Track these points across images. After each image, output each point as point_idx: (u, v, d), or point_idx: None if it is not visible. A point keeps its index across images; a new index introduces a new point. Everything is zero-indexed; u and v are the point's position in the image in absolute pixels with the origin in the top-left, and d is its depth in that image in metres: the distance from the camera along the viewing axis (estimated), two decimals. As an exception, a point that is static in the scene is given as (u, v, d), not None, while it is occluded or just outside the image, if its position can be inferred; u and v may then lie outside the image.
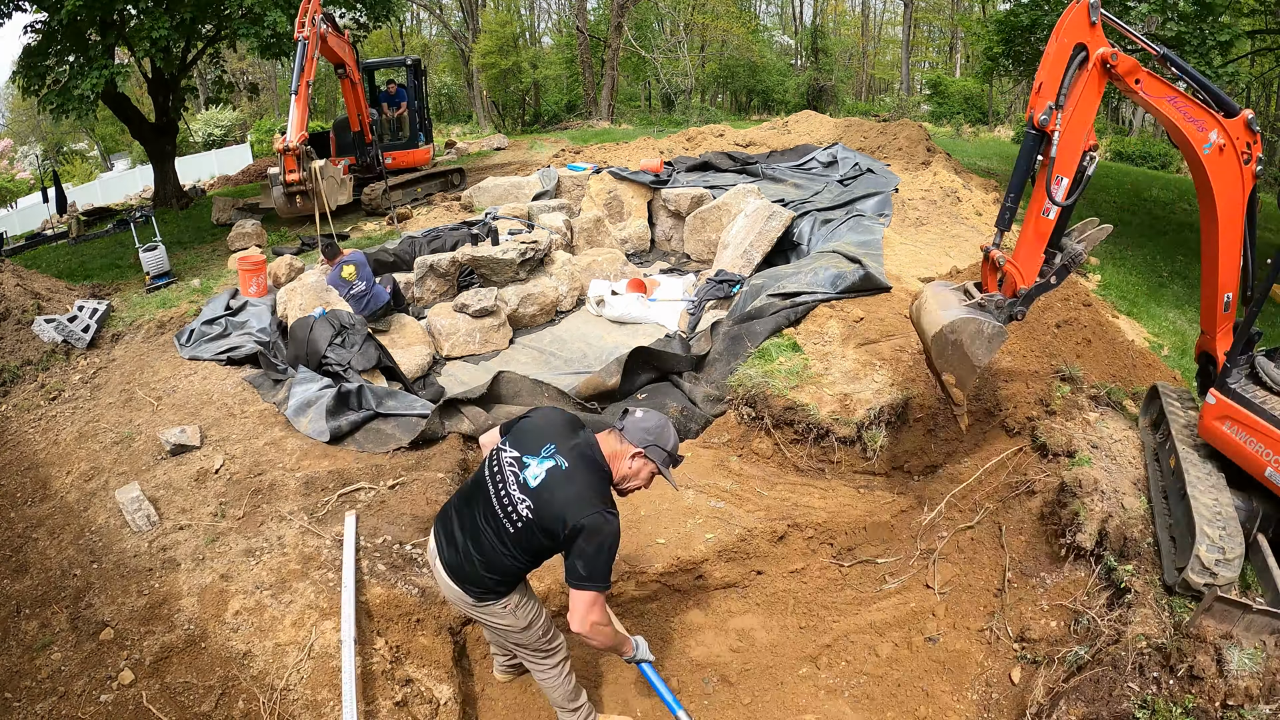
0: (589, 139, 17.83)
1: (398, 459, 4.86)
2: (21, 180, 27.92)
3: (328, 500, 4.37)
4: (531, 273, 7.93)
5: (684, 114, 27.43)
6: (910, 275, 6.81)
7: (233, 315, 6.91)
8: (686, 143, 14.14)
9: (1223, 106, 3.30)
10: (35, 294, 7.10)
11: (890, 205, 8.85)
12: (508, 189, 10.95)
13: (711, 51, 31.23)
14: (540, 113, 31.55)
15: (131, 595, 3.69)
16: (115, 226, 12.61)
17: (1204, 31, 8.24)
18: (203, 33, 12.69)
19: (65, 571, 3.92)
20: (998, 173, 13.02)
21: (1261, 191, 3.53)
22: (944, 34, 39.79)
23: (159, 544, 4.04)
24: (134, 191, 24.02)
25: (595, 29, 30.25)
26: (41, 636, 3.50)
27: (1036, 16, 10.65)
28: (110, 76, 9.96)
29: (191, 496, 4.45)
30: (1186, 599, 3.12)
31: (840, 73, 34.70)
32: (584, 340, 7.39)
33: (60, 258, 10.96)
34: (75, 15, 9.53)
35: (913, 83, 35.82)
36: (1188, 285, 7.85)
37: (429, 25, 40.83)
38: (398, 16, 19.47)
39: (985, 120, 27.95)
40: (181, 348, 6.44)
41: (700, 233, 9.63)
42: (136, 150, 29.83)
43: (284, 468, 4.70)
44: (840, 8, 41.31)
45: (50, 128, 31.97)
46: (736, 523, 4.51)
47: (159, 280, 8.33)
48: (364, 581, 3.76)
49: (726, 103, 35.73)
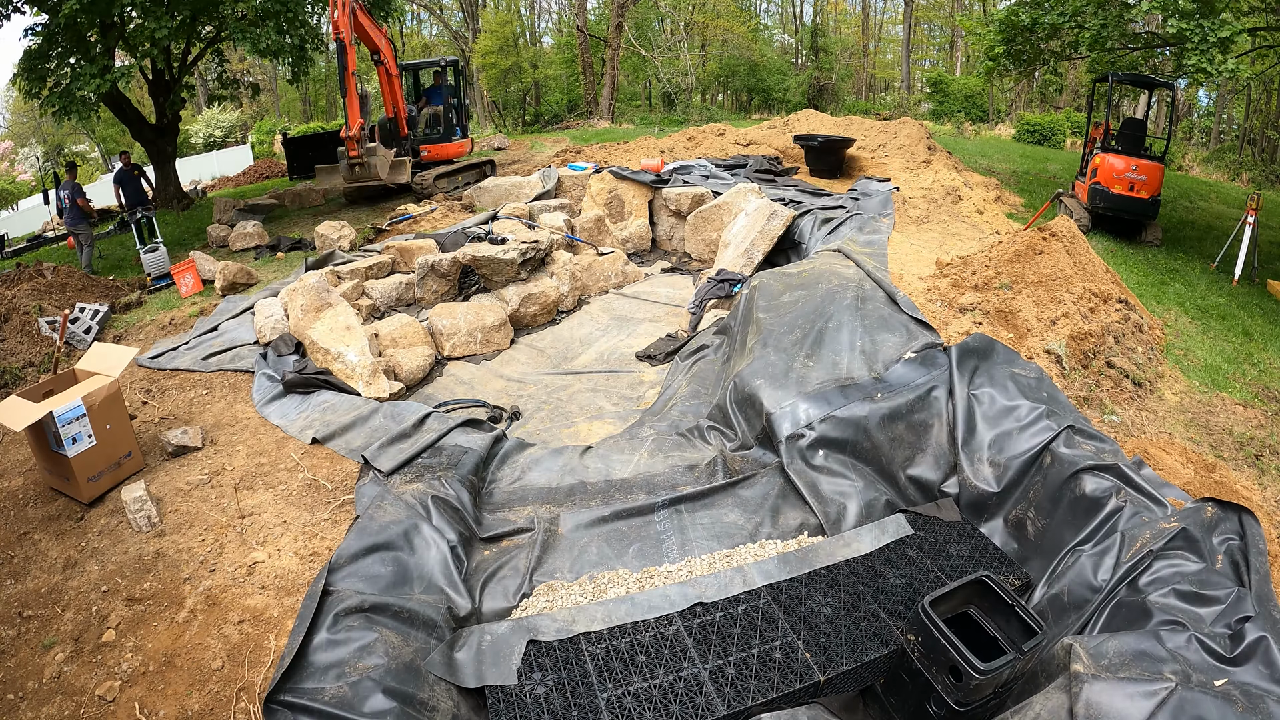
0: (589, 138, 17.82)
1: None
2: (23, 182, 27.96)
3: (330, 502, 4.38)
4: (532, 273, 7.94)
5: (684, 113, 27.46)
6: (911, 274, 6.82)
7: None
8: (687, 142, 14.14)
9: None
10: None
11: (891, 204, 8.85)
12: (508, 189, 10.97)
13: (712, 51, 31.24)
14: (541, 112, 31.56)
15: (131, 595, 3.70)
16: (116, 227, 12.63)
17: (1204, 29, 8.22)
18: (202, 33, 12.72)
19: (66, 572, 3.92)
20: (998, 171, 13.01)
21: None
22: (944, 32, 39.75)
23: (159, 544, 4.04)
24: (135, 193, 24.01)
25: (595, 28, 30.27)
26: (44, 637, 3.51)
27: (1036, 16, 10.63)
28: (113, 81, 9.98)
29: (192, 496, 4.46)
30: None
31: (841, 71, 34.66)
32: (584, 341, 7.40)
33: (61, 260, 10.96)
34: (75, 17, 9.55)
35: (913, 81, 35.80)
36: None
37: (429, 25, 40.90)
38: (398, 17, 19.50)
39: (986, 118, 27.94)
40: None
41: (701, 232, 9.64)
42: (137, 151, 29.87)
43: (286, 468, 4.71)
44: (840, 6, 41.28)
45: (51, 129, 32.03)
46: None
47: (160, 282, 8.35)
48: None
49: (727, 102, 35.70)
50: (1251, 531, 3.34)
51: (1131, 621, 3.15)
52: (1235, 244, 8.51)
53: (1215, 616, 2.99)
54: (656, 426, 5.42)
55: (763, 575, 3.79)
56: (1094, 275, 6.19)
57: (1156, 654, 2.79)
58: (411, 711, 2.96)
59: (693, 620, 3.53)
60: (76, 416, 4.30)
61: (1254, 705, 2.56)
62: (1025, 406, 4.41)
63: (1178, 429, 5.04)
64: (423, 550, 3.89)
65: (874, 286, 5.92)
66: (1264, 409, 5.43)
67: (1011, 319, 5.63)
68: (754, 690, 3.14)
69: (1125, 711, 2.57)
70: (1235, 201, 12.52)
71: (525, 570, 3.97)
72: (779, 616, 3.54)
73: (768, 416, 4.80)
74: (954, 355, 4.81)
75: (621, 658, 3.32)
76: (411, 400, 6.06)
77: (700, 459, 4.84)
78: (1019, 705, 2.81)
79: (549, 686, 3.18)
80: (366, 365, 5.97)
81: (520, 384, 6.54)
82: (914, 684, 3.16)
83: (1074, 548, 3.76)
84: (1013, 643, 3.08)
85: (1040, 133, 22.64)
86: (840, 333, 5.28)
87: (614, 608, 3.60)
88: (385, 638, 3.25)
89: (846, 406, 4.69)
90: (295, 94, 40.50)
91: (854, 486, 4.43)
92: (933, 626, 3.05)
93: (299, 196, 13.33)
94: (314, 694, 2.96)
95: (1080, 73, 26.16)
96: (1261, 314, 7.23)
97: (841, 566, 3.88)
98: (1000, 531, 4.21)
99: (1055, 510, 3.97)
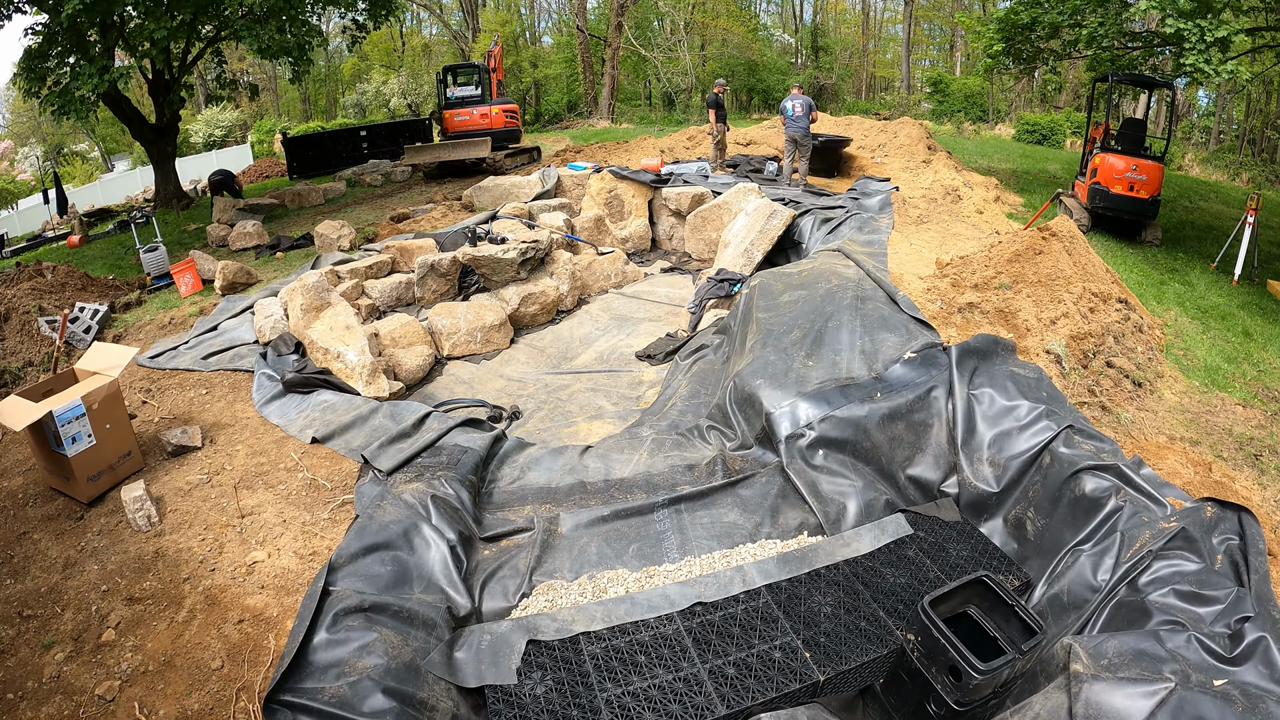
0: (589, 138, 17.82)
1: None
2: (22, 182, 27.95)
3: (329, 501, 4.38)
4: (532, 272, 7.94)
5: (684, 113, 27.44)
6: (911, 274, 6.82)
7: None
8: (687, 141, 14.15)
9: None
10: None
11: (891, 204, 8.85)
12: (508, 188, 10.96)
13: (712, 50, 31.23)
14: (540, 112, 31.56)
15: (131, 595, 3.70)
16: (116, 227, 12.64)
17: (1203, 29, 8.22)
18: (202, 33, 12.71)
19: (65, 571, 3.92)
20: (998, 171, 13.01)
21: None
22: (944, 32, 39.73)
23: (158, 544, 4.04)
24: (135, 192, 24.05)
25: (595, 28, 30.27)
26: (43, 636, 3.51)
27: (1036, 15, 10.64)
28: (113, 80, 9.99)
29: (192, 496, 4.46)
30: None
31: (841, 71, 34.67)
32: (584, 340, 7.40)
33: (60, 260, 10.94)
34: (76, 17, 9.54)
35: (913, 81, 35.78)
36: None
37: (429, 25, 40.87)
38: (398, 16, 19.52)
39: (986, 118, 27.93)
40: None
41: (701, 231, 9.63)
42: (137, 151, 29.86)
43: (285, 467, 4.71)
44: (840, 6, 41.25)
45: (51, 129, 32.03)
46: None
47: (160, 281, 8.35)
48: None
49: (727, 101, 35.69)
50: (1251, 531, 3.34)
51: (1131, 621, 3.15)
52: (1235, 244, 8.52)
53: (1215, 616, 2.99)
54: (656, 426, 5.42)
55: (762, 575, 3.79)
56: (1094, 275, 6.19)
57: (1156, 654, 2.79)
58: (411, 711, 2.96)
59: (692, 620, 3.53)
60: (76, 416, 4.30)
61: (1254, 705, 2.56)
62: (1025, 406, 4.41)
63: (1177, 429, 5.04)
64: (422, 550, 3.89)
65: (874, 286, 5.92)
66: (1263, 409, 5.43)
67: (1011, 319, 5.63)
68: (753, 690, 3.14)
69: (1125, 711, 2.57)
70: (1235, 201, 12.52)
71: (525, 570, 3.97)
72: (778, 616, 3.54)
73: (767, 416, 4.80)
74: (954, 355, 4.81)
75: (621, 657, 3.32)
76: (411, 400, 6.06)
77: (700, 458, 4.84)
78: (1019, 705, 2.81)
79: (548, 686, 3.18)
80: (366, 365, 5.97)
81: (520, 383, 6.54)
82: (914, 684, 3.17)
83: (1073, 547, 3.76)
84: (1012, 643, 3.07)
85: (1040, 132, 22.65)
86: (840, 332, 5.28)
87: (613, 607, 3.60)
88: (385, 637, 3.25)
89: (846, 406, 4.69)
90: (295, 93, 40.51)
91: (854, 486, 4.43)
92: (932, 626, 3.05)
93: (299, 196, 13.33)
94: (314, 694, 2.96)
95: (1080, 72, 26.15)
96: (1261, 314, 7.23)
97: (841, 566, 3.88)
98: (1000, 531, 4.21)
99: (1055, 510, 3.97)
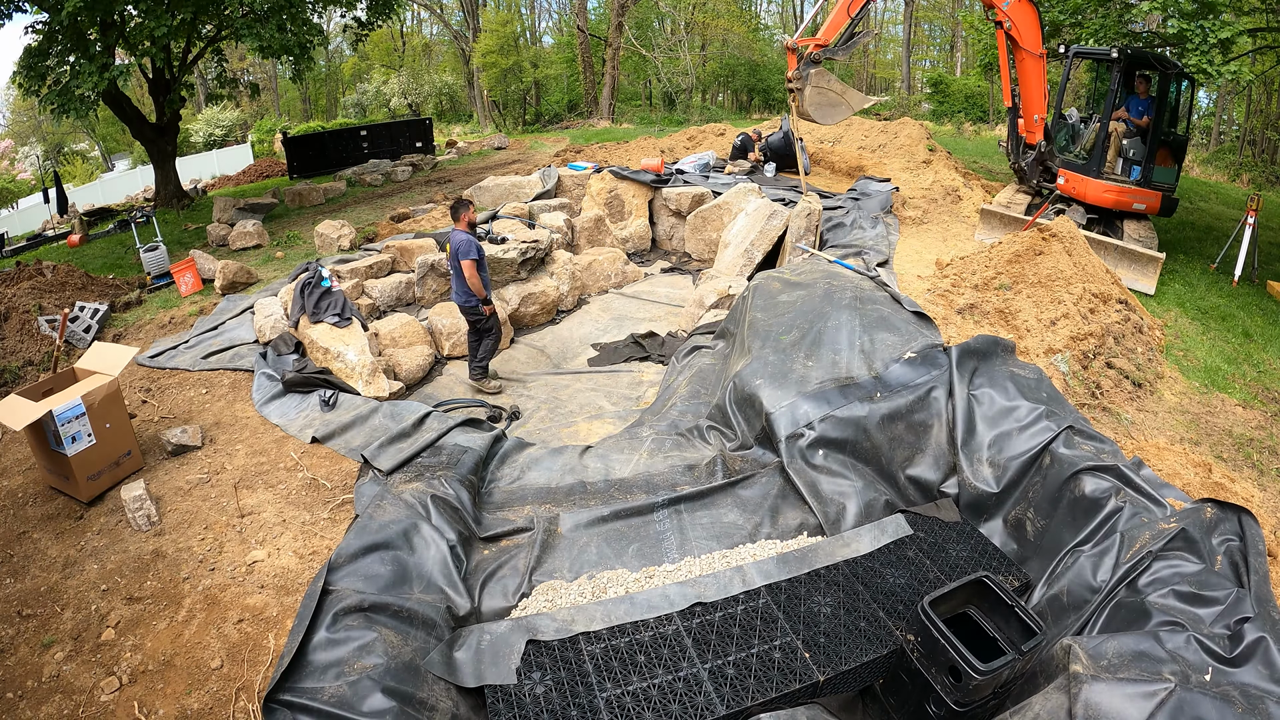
0: (590, 138, 17.83)
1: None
2: (22, 181, 27.96)
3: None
4: (532, 272, 7.95)
5: (685, 113, 27.46)
6: (911, 274, 6.82)
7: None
8: (688, 141, 14.14)
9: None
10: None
11: (891, 204, 8.85)
12: (508, 188, 10.96)
13: (712, 50, 31.21)
14: (541, 112, 31.56)
15: (130, 594, 3.70)
16: (116, 227, 12.63)
17: (1205, 29, 8.21)
18: (203, 32, 12.71)
19: (65, 571, 3.92)
20: (999, 171, 13.01)
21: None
22: (944, 32, 39.72)
23: (158, 543, 4.04)
24: (135, 191, 24.05)
25: (596, 28, 30.27)
26: (43, 636, 3.51)
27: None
28: (112, 79, 9.98)
29: (191, 495, 4.46)
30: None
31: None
32: (584, 340, 7.40)
33: (61, 259, 10.95)
34: (76, 16, 9.54)
35: (914, 81, 35.78)
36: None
37: (429, 24, 40.88)
38: (398, 15, 19.50)
39: (986, 119, 27.91)
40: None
41: (701, 231, 9.63)
42: (137, 150, 29.86)
43: (285, 467, 4.71)
44: (841, 6, 41.19)
45: (51, 128, 32.01)
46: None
47: (160, 281, 8.35)
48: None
49: (727, 101, 35.68)
50: (1251, 532, 3.34)
51: (1131, 622, 3.15)
52: (1235, 245, 8.51)
53: (1214, 617, 2.99)
54: (656, 426, 5.42)
55: (762, 575, 3.79)
56: (1094, 276, 6.19)
57: (1155, 654, 2.79)
58: (410, 711, 2.96)
59: (692, 620, 3.53)
60: (76, 415, 4.30)
61: (1253, 706, 2.56)
62: (1025, 407, 4.41)
63: (1177, 429, 5.04)
64: (422, 550, 3.89)
65: (873, 286, 5.92)
66: (1263, 410, 5.43)
67: (1011, 319, 5.62)
68: (753, 690, 3.14)
69: (1124, 712, 2.57)
70: (1235, 202, 12.52)
71: (525, 570, 3.97)
72: (778, 616, 3.54)
73: (767, 416, 4.80)
74: (954, 355, 4.81)
75: (621, 657, 3.32)
76: (411, 399, 6.07)
77: (700, 459, 4.84)
78: (1018, 705, 2.81)
79: (548, 686, 3.17)
80: (366, 364, 5.97)
81: (520, 383, 6.55)
82: (913, 684, 3.16)
83: (1073, 548, 3.76)
84: (1012, 643, 3.07)
85: (1040, 133, 22.57)
86: (840, 332, 5.28)
87: (613, 607, 3.60)
88: (384, 637, 3.25)
89: (846, 406, 4.69)
90: (295, 93, 40.50)
91: (853, 486, 4.43)
92: (932, 627, 3.05)
93: (299, 195, 13.32)
94: (313, 693, 2.96)
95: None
96: (1261, 315, 7.23)
97: (841, 566, 3.88)
98: (1000, 532, 4.21)
99: (1055, 511, 3.97)
